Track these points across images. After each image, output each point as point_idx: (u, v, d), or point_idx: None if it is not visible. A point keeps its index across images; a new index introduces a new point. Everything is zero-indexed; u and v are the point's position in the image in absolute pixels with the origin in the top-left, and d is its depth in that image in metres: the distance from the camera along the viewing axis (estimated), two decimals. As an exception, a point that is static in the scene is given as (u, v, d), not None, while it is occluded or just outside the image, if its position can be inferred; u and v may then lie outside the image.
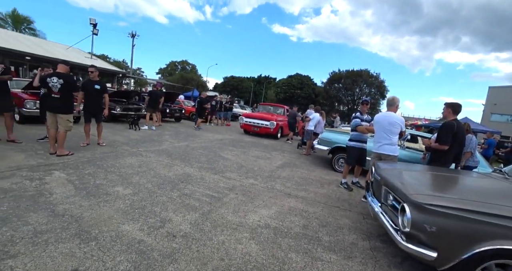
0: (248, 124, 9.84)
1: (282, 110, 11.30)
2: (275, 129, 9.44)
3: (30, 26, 24.26)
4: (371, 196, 2.75)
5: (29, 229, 1.99)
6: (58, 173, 3.27)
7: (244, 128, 10.13)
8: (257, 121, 9.69)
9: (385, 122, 3.54)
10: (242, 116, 10.44)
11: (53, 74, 3.95)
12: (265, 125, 9.46)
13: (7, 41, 11.45)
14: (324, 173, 5.29)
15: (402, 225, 1.89)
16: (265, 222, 2.63)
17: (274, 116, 10.22)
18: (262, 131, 9.61)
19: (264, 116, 9.89)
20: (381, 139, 3.58)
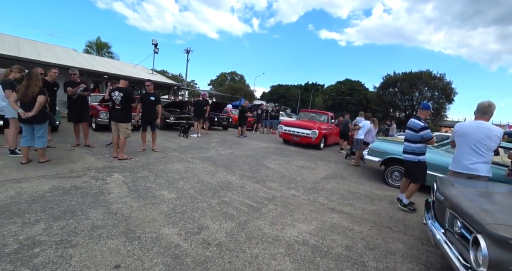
0: (288, 133, 9.08)
1: (325, 117, 10.19)
2: (317, 138, 8.53)
3: (109, 50, 29.35)
4: (431, 218, 2.30)
5: (89, 223, 2.26)
6: (117, 175, 3.71)
7: (283, 137, 9.45)
8: (297, 130, 8.85)
9: (479, 135, 2.80)
10: (281, 124, 9.61)
11: (116, 89, 4.60)
12: (306, 134, 8.58)
13: (91, 64, 14.06)
14: (374, 187, 4.75)
15: (475, 263, 1.50)
16: (303, 238, 2.45)
17: (317, 124, 9.22)
18: (303, 141, 8.71)
19: (305, 124, 8.94)
20: (471, 156, 2.83)
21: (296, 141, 8.97)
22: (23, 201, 2.57)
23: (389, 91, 33.72)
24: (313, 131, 8.49)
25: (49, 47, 15.76)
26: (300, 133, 8.74)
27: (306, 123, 9.21)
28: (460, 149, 2.96)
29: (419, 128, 3.41)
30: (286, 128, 9.14)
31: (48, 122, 3.96)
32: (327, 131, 9.33)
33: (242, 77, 59.69)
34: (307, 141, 8.62)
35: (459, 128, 3.03)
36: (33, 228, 2.11)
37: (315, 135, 8.43)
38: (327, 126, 9.60)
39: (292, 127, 9.03)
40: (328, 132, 9.39)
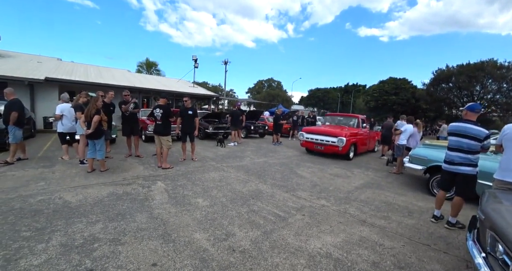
0: (310, 141, 7.98)
1: (355, 121, 8.75)
2: (345, 147, 7.24)
3: (157, 68, 32.81)
4: (472, 239, 2.09)
5: (135, 225, 2.66)
6: (160, 183, 4.20)
7: (305, 146, 8.35)
8: (320, 138, 7.70)
9: None
10: (302, 131, 8.48)
11: (157, 107, 5.23)
12: (332, 143, 7.38)
13: (141, 82, 16.04)
14: (416, 198, 4.38)
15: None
16: (327, 251, 2.45)
17: (345, 129, 7.87)
18: (328, 150, 7.56)
19: (330, 131, 7.68)
20: None
21: (320, 151, 7.86)
22: (88, 204, 3.14)
23: (441, 87, 29.85)
24: (340, 139, 7.25)
25: (108, 70, 18.39)
26: (324, 142, 7.61)
27: (332, 129, 7.95)
28: (510, 155, 2.59)
29: (485, 137, 2.93)
30: (308, 135, 8.05)
31: (104, 137, 4.73)
32: (358, 137, 8.09)
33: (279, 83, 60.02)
34: (333, 150, 7.46)
35: (510, 130, 2.66)
36: (94, 227, 2.58)
37: (342, 143, 7.19)
38: (357, 131, 8.27)
39: (315, 135, 7.92)
40: (359, 138, 8.17)
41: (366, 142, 8.89)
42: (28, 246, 2.17)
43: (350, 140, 7.47)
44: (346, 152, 7.45)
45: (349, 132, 7.68)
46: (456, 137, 3.12)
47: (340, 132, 7.53)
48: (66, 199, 3.27)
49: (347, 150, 7.43)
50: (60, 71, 13.25)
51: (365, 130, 8.77)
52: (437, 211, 3.41)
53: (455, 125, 3.17)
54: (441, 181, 3.47)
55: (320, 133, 7.89)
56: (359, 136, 8.20)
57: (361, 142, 8.37)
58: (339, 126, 8.53)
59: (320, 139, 7.75)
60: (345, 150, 7.37)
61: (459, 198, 3.13)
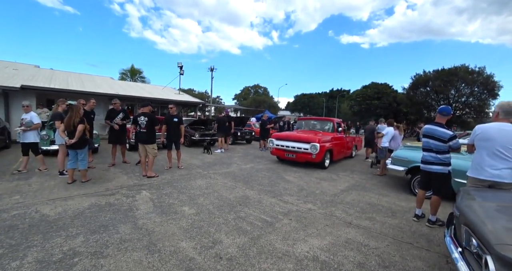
0: (280, 148, 7.07)
1: (330, 125, 8.03)
2: (319, 154, 6.43)
3: (141, 75, 32.34)
4: (449, 235, 2.19)
5: (118, 237, 2.57)
6: (145, 192, 4.09)
7: (275, 154, 7.45)
8: (292, 144, 6.81)
9: (506, 138, 2.57)
10: (271, 137, 7.60)
11: (141, 114, 5.11)
12: (304, 150, 6.58)
13: (125, 90, 15.78)
14: (399, 198, 4.53)
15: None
16: (313, 254, 2.48)
17: (318, 135, 7.12)
18: (300, 159, 6.72)
19: (302, 137, 6.87)
20: (495, 162, 2.62)
21: (291, 159, 6.99)
22: (67, 217, 3.01)
23: (420, 91, 31.50)
24: (313, 145, 6.40)
25: (91, 77, 17.90)
26: (296, 149, 6.74)
27: (304, 134, 7.16)
28: (482, 154, 2.71)
29: (449, 138, 3.16)
30: (279, 142, 7.10)
31: (88, 147, 4.56)
32: (333, 143, 7.26)
33: (266, 89, 60.67)
34: (306, 158, 6.60)
35: (481, 131, 2.77)
36: (74, 240, 2.47)
37: (315, 150, 6.37)
38: (332, 136, 7.48)
39: (286, 141, 6.98)
40: (335, 144, 7.36)
41: (343, 147, 8.16)
42: (0, 264, 2.04)
43: (324, 146, 6.66)
44: (321, 160, 6.61)
45: (324, 138, 6.93)
46: (426, 138, 3.35)
47: (313, 137, 6.73)
48: (44, 212, 3.11)
49: (321, 157, 6.58)
50: (37, 78, 12.74)
51: (341, 135, 8.11)
52: (418, 210, 3.54)
53: (426, 127, 3.40)
54: (420, 180, 3.65)
55: (291, 139, 6.97)
56: (334, 142, 7.39)
57: (338, 148, 7.58)
58: (313, 131, 7.78)
59: (292, 146, 6.82)
60: (319, 158, 6.52)
61: (436, 197, 3.29)
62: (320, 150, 6.42)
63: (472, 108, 29.22)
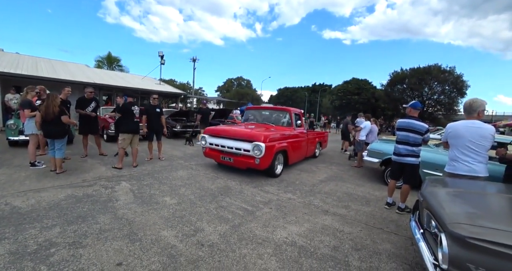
0: (214, 149, 5.09)
1: (287, 118, 6.01)
2: (266, 158, 4.53)
3: (119, 63, 30.69)
4: (414, 219, 2.41)
5: (97, 227, 2.54)
6: (124, 183, 4.01)
7: (208, 156, 5.32)
8: (228, 143, 4.84)
9: (473, 135, 2.74)
10: (203, 133, 5.41)
11: (133, 104, 5.09)
12: (244, 152, 4.62)
13: (103, 79, 14.95)
14: (374, 188, 4.82)
15: (441, 260, 1.62)
16: (292, 240, 2.61)
17: (267, 131, 5.12)
18: (240, 164, 4.80)
19: (241, 133, 4.87)
20: (467, 157, 2.79)
21: (229, 164, 4.99)
22: (41, 209, 2.90)
23: (397, 88, 32.98)
24: (256, 145, 4.42)
25: (63, 64, 16.74)
26: (233, 150, 4.74)
27: (245, 129, 5.09)
28: (455, 151, 2.91)
29: (425, 131, 3.39)
30: (212, 139, 5.10)
31: (67, 137, 4.45)
32: (290, 141, 5.36)
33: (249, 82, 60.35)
34: (247, 164, 4.63)
35: (452, 129, 2.96)
36: (50, 231, 2.40)
37: (259, 153, 4.41)
38: (289, 132, 5.56)
39: (221, 138, 4.98)
40: (292, 143, 5.44)
41: (303, 146, 6.19)
42: (-31, 256, 1.95)
43: (274, 146, 4.67)
44: (268, 166, 4.66)
45: (274, 134, 4.94)
46: (404, 131, 3.50)
47: (256, 134, 4.67)
48: (15, 204, 2.97)
49: (269, 162, 4.62)
50: (1, 63, 11.71)
51: (301, 130, 6.18)
52: (390, 198, 3.81)
53: (402, 121, 3.57)
54: (391, 171, 3.89)
55: (227, 135, 4.92)
56: (291, 140, 5.45)
57: (295, 147, 5.68)
58: (263, 125, 5.74)
59: (228, 146, 4.80)
60: (265, 164, 4.56)
61: (406, 186, 3.55)
62: (266, 152, 4.42)
63: (442, 105, 31.12)
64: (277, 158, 5.03)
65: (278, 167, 5.18)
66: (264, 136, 4.60)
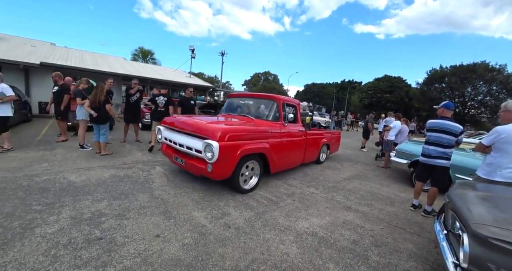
0: (168, 145, 3.92)
1: (274, 109, 4.36)
2: (222, 164, 3.08)
3: (152, 56, 32.30)
4: (438, 220, 2.39)
5: (138, 204, 2.87)
6: (159, 168, 4.40)
7: (165, 153, 4.07)
8: (180, 139, 3.53)
9: None
10: (161, 124, 4.17)
11: (160, 94, 5.56)
12: (196, 152, 3.22)
13: (138, 71, 16.00)
14: (399, 189, 4.70)
15: (462, 259, 1.64)
16: (313, 230, 2.72)
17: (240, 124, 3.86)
18: (192, 169, 3.47)
19: (195, 126, 3.41)
20: None
21: (181, 167, 3.67)
22: (91, 184, 3.33)
23: (435, 87, 30.54)
24: (208, 145, 2.99)
25: (104, 57, 18.10)
26: (184, 148, 3.44)
27: (199, 121, 3.57)
28: (506, 157, 2.68)
29: (460, 132, 3.25)
30: (167, 133, 3.89)
31: (109, 122, 5.01)
32: (272, 141, 3.85)
33: (276, 77, 60.00)
34: (200, 170, 3.25)
35: (506, 134, 2.68)
36: (99, 203, 2.78)
37: (211, 156, 2.96)
38: (274, 129, 3.98)
39: (174, 132, 3.74)
40: (277, 144, 3.99)
41: (297, 149, 4.67)
42: (41, 217, 2.37)
43: (237, 147, 3.20)
44: (227, 177, 3.28)
45: (241, 130, 3.46)
46: (437, 133, 3.36)
47: (211, 128, 3.20)
48: (71, 179, 3.45)
49: (226, 172, 3.21)
50: (55, 56, 13.04)
51: (295, 127, 4.58)
52: (416, 200, 3.72)
53: (435, 122, 3.42)
54: (418, 173, 3.75)
55: (179, 128, 3.63)
56: (275, 139, 3.93)
57: (282, 150, 4.12)
58: (242, 118, 4.28)
59: (179, 143, 3.53)
60: (220, 173, 3.16)
61: (434, 189, 3.44)
62: (223, 155, 2.98)
63: (487, 107, 28.32)
64: (246, 165, 3.51)
65: (250, 179, 3.72)
66: (221, 131, 3.04)
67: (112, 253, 1.96)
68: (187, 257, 2.01)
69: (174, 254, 2.03)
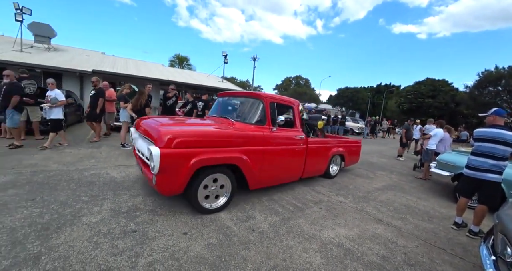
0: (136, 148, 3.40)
1: (259, 109, 3.45)
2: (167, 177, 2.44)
3: (188, 62, 34.16)
4: (485, 243, 2.12)
5: (169, 202, 3.06)
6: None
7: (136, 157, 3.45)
8: (138, 143, 3.24)
9: None
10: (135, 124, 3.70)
11: (199, 99, 6.08)
12: (147, 159, 2.73)
13: (174, 76, 17.11)
14: (440, 204, 4.28)
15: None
16: (339, 241, 2.62)
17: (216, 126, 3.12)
18: (148, 178, 2.68)
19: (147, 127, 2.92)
20: None
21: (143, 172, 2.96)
22: (130, 181, 3.64)
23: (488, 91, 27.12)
24: (153, 153, 2.33)
25: (145, 64, 19.67)
26: (140, 154, 3.11)
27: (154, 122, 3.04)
28: None
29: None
30: (134, 136, 3.51)
31: None
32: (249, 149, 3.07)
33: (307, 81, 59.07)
34: (149, 180, 2.64)
35: None
36: (135, 199, 3.03)
37: (153, 166, 2.38)
38: (256, 133, 3.21)
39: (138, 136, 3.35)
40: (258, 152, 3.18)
41: (290, 160, 3.80)
42: (87, 207, 2.66)
43: (189, 156, 2.51)
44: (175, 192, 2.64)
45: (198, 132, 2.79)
46: (488, 143, 2.99)
47: (156, 129, 2.63)
48: (112, 175, 3.81)
49: (173, 187, 2.55)
50: (104, 64, 14.54)
51: (291, 134, 3.75)
52: (458, 218, 3.35)
53: (486, 131, 3.04)
54: (462, 187, 3.36)
55: (140, 130, 3.20)
56: (256, 147, 3.18)
57: (265, 161, 3.30)
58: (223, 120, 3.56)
59: (137, 148, 3.27)
60: (165, 188, 2.55)
61: (482, 207, 3.05)
62: (166, 165, 2.40)
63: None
64: (214, 178, 2.83)
65: (219, 199, 2.98)
66: (169, 135, 2.46)
67: (143, 246, 2.12)
68: (211, 256, 2.09)
69: (199, 252, 2.13)
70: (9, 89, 4.69)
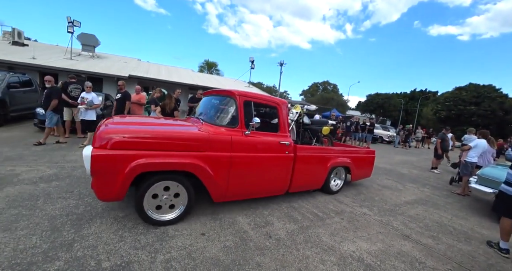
0: None
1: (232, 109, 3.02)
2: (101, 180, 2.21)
3: (216, 68, 35.44)
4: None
5: (190, 203, 3.16)
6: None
7: None
8: None
9: None
10: None
11: None
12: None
13: (202, 81, 17.86)
14: (481, 224, 3.86)
15: None
16: (359, 255, 2.49)
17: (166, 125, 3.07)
18: None
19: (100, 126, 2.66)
20: None
21: None
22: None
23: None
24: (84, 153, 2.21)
25: (176, 69, 20.75)
26: None
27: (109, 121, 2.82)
28: None
29: None
30: None
31: None
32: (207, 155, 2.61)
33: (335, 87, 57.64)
34: None
35: None
36: (159, 199, 3.17)
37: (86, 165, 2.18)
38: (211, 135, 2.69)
39: None
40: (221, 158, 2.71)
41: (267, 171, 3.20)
42: (116, 203, 2.86)
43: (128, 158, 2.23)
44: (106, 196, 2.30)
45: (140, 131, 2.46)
46: None
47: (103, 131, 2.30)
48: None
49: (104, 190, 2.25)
50: (139, 69, 15.64)
51: (271, 139, 3.21)
52: (504, 243, 2.98)
53: None
54: (505, 207, 3.01)
55: None
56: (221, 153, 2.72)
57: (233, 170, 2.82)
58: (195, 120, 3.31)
59: None
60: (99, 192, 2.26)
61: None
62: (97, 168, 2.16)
63: None
64: (154, 187, 2.44)
65: (173, 211, 2.60)
66: (106, 134, 2.25)
67: (163, 243, 2.22)
68: (226, 259, 2.11)
69: (215, 254, 2.16)
70: (49, 93, 5.32)
